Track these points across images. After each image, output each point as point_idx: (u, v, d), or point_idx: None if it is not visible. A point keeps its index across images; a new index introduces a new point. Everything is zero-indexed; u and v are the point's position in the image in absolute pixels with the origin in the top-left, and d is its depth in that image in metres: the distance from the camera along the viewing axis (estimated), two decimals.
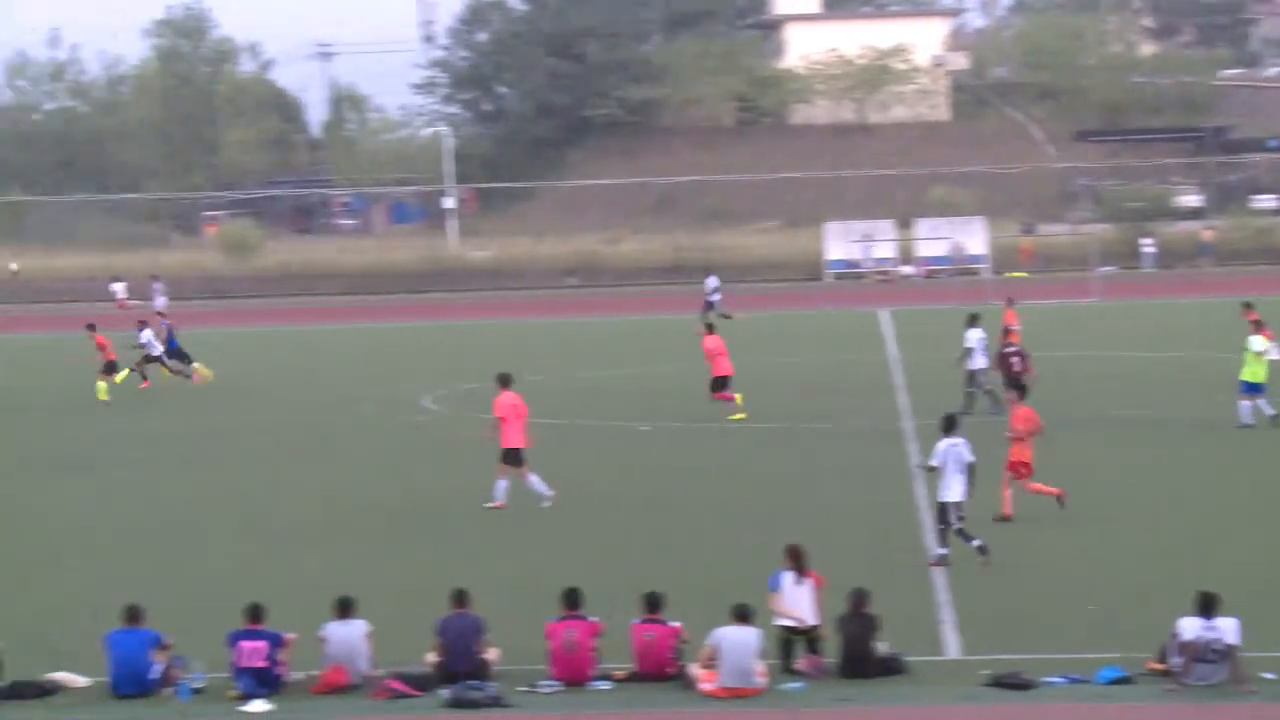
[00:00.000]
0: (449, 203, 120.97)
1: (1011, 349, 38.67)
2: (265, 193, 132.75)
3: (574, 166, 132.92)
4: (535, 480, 29.31)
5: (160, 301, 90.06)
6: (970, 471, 24.51)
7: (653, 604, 19.65)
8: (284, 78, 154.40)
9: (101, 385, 46.89)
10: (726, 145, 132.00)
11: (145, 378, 49.34)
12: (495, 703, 18.62)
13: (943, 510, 24.55)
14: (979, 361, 39.44)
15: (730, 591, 20.11)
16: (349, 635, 19.41)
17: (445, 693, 18.83)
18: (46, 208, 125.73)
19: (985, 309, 47.91)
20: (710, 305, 67.14)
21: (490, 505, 29.20)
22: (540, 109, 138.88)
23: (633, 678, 19.30)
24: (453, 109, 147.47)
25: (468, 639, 19.30)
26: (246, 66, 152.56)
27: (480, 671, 19.08)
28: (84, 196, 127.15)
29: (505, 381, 29.44)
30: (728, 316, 64.57)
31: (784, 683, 19.11)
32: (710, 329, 42.65)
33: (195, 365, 50.73)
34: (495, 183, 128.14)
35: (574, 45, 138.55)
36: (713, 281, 69.35)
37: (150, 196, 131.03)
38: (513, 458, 29.17)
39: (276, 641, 19.14)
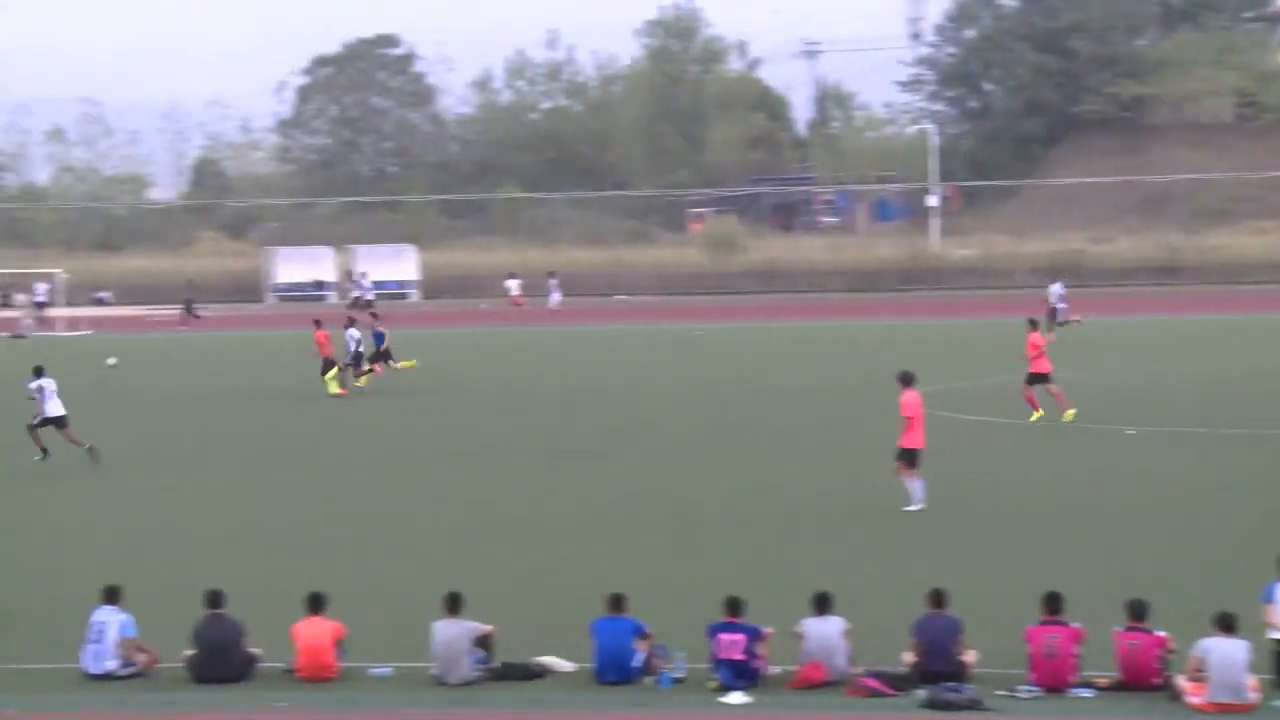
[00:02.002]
0: (932, 200, 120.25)
1: None
2: (749, 190, 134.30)
3: (1059, 164, 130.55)
4: (918, 485, 29.03)
5: (555, 299, 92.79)
6: None
7: (1137, 612, 19.08)
8: (770, 76, 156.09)
9: (330, 379, 48.82)
10: (1223, 142, 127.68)
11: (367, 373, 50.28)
12: (973, 705, 18.35)
13: None
14: None
15: (1212, 602, 19.35)
16: (827, 631, 19.41)
17: (922, 693, 18.64)
18: (540, 204, 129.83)
19: None
20: (1055, 312, 65.83)
21: (910, 509, 29.00)
22: (1027, 106, 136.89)
23: (1116, 686, 18.78)
24: (938, 106, 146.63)
25: (946, 640, 19.09)
26: (734, 65, 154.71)
27: (959, 673, 18.85)
28: (576, 194, 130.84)
29: (908, 380, 29.24)
30: (1068, 323, 64.68)
31: (1277, 699, 18.31)
32: (1034, 325, 41.31)
33: (396, 364, 51.42)
34: (979, 180, 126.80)
35: (1064, 41, 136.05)
36: (1057, 288, 67.95)
37: (639, 194, 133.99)
38: (911, 458, 28.99)
39: (755, 635, 19.26)
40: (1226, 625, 18.47)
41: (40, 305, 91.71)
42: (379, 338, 51.55)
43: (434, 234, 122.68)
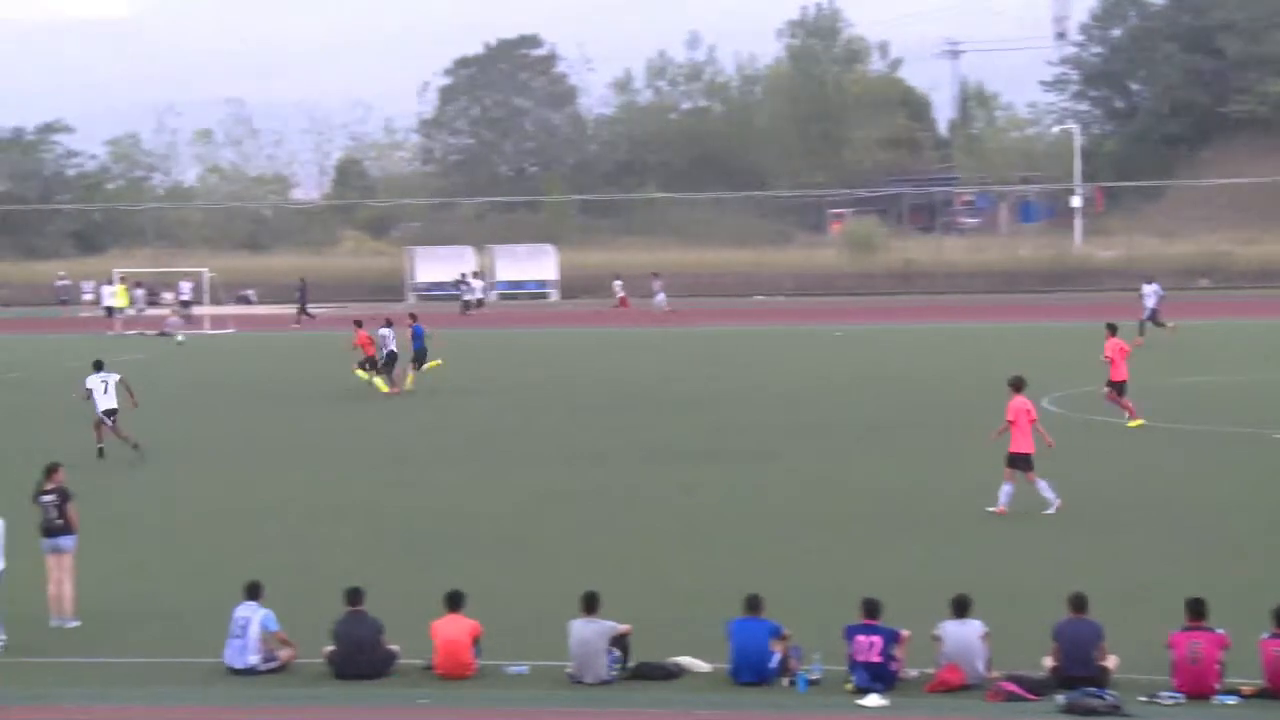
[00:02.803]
0: (1076, 201, 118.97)
1: None
2: (890, 190, 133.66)
3: (1207, 165, 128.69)
4: (1044, 486, 28.95)
5: (660, 299, 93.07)
6: None
7: None
8: (912, 76, 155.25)
9: (363, 375, 50.21)
10: None
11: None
12: (1114, 711, 18.13)
13: None
14: None
15: None
16: (965, 635, 19.27)
17: (1061, 698, 18.45)
18: (680, 205, 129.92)
19: None
20: (1153, 313, 64.55)
21: (992, 509, 28.95)
22: (1174, 106, 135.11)
23: (1262, 694, 18.47)
24: (1083, 106, 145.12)
25: (1086, 645, 18.88)
26: (875, 65, 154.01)
27: (1099, 678, 18.63)
28: (715, 194, 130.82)
29: (1018, 385, 29.41)
30: (1163, 326, 63.27)
31: None
32: (1113, 330, 40.56)
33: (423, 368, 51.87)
34: (1124, 181, 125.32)
35: (1212, 39, 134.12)
36: (1153, 290, 66.90)
37: (778, 194, 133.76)
38: (1020, 462, 28.97)
39: (892, 637, 19.15)
40: None
41: (185, 304, 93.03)
42: (418, 339, 51.93)
43: (573, 234, 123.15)
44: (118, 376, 38.01)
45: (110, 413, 37.51)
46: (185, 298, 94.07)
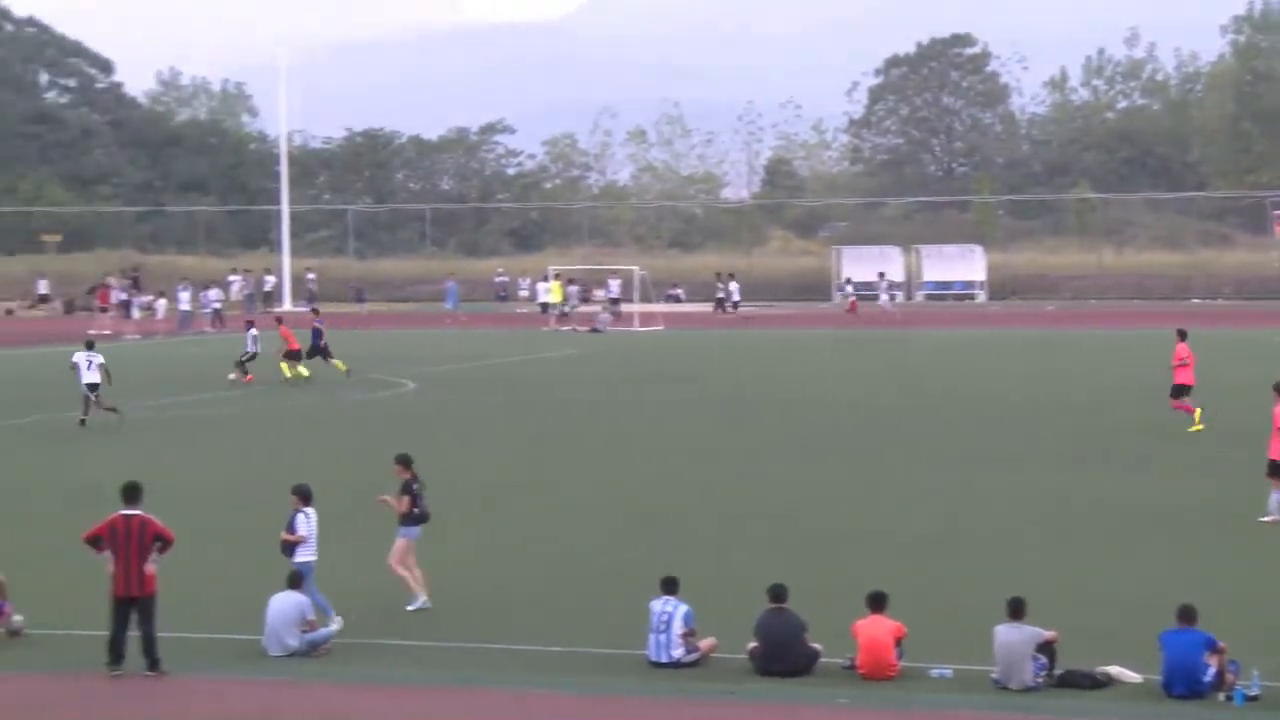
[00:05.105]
0: None
1: None
2: None
3: None
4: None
5: (884, 300, 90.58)
6: None
7: None
8: None
9: (283, 366, 55.10)
10: None
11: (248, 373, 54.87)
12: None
13: None
14: None
15: None
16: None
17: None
18: (1113, 205, 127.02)
19: None
20: None
21: (1265, 519, 28.01)
22: None
23: None
24: None
25: None
26: None
27: None
28: (1151, 194, 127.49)
29: None
30: None
31: None
32: (1183, 336, 40.52)
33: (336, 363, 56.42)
34: None
35: None
36: None
37: (1219, 195, 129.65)
38: (1277, 469, 28.07)
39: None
40: None
41: (614, 301, 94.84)
42: (316, 335, 57.05)
43: (1001, 234, 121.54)
44: (101, 359, 43.81)
45: (93, 386, 43.33)
46: (613, 295, 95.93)
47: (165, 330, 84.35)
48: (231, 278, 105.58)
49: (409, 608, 22.53)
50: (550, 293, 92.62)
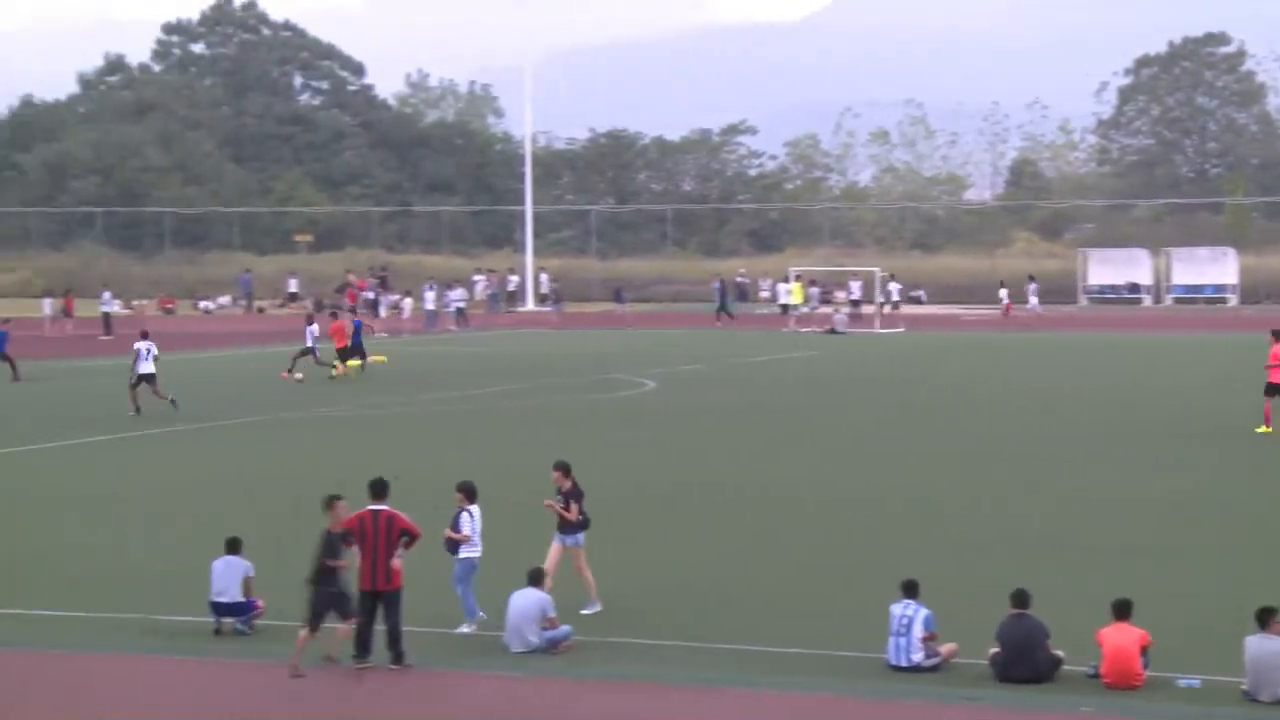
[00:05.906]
0: None
1: None
2: None
3: None
4: None
5: (1034, 303, 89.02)
6: None
7: None
8: None
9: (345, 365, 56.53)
10: None
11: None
12: None
13: None
14: None
15: None
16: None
17: None
18: None
19: None
20: None
21: None
22: None
23: None
24: None
25: None
26: None
27: None
28: None
29: None
30: None
31: None
32: (1277, 337, 39.92)
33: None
34: None
35: None
36: None
37: None
38: None
39: None
40: None
41: (854, 303, 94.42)
42: (357, 333, 58.27)
43: (1256, 237, 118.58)
44: (156, 349, 45.87)
45: (149, 378, 45.18)
46: (854, 296, 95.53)
47: (411, 329, 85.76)
48: (476, 277, 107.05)
49: (583, 612, 22.53)
50: (791, 294, 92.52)
